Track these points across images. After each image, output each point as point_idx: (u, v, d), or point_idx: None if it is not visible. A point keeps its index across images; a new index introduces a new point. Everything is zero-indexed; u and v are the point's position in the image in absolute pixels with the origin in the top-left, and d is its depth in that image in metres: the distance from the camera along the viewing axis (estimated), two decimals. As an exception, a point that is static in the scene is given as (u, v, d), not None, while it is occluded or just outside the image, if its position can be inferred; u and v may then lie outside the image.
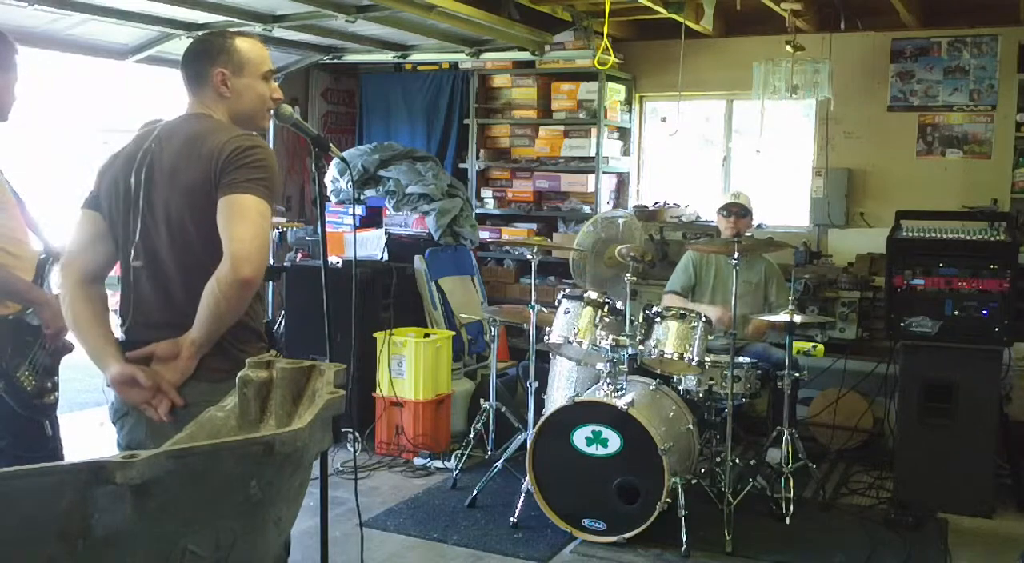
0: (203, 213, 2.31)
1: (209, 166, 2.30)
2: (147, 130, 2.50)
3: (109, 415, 2.51)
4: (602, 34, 5.71)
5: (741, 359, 4.63)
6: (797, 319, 4.70)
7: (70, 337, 3.06)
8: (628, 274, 4.52)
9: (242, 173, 2.29)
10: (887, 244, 4.84)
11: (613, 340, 4.28)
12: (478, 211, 7.12)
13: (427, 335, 5.56)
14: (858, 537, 4.30)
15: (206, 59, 2.47)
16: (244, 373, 1.77)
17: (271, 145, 7.05)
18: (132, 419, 2.41)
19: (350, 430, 5.08)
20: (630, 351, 4.38)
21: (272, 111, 2.57)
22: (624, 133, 7.41)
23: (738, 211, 5.24)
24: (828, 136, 6.66)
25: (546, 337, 4.54)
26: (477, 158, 7.37)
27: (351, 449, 5.00)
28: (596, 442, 4.14)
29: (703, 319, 4.38)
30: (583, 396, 4.35)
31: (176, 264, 2.37)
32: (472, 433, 5.07)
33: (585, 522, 4.17)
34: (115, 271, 2.53)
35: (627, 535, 4.09)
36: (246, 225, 2.26)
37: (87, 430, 5.70)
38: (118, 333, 2.47)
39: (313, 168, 2.64)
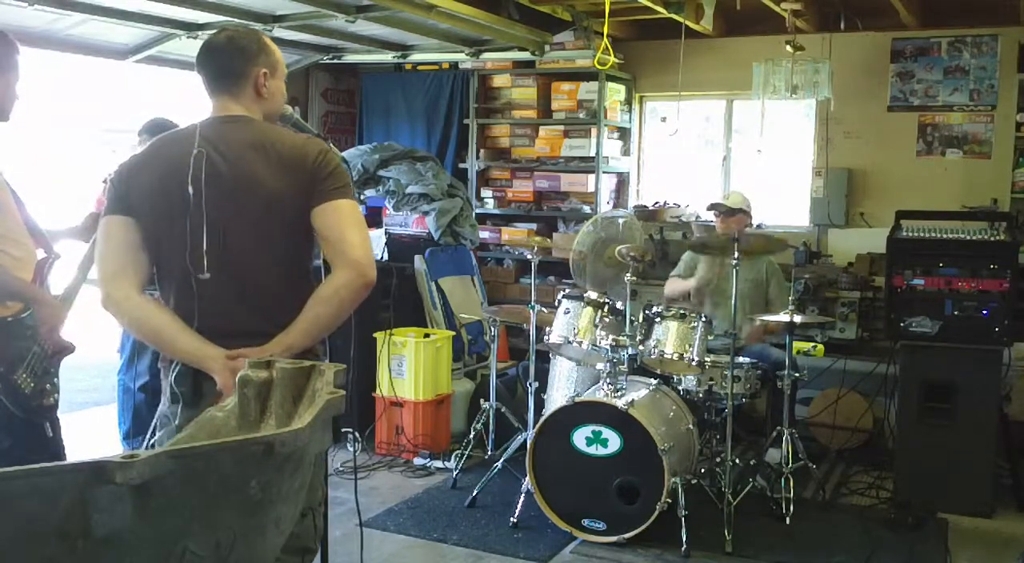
0: (287, 219, 2.31)
1: (295, 172, 2.29)
2: (173, 136, 2.43)
3: (161, 424, 2.44)
4: (602, 34, 5.71)
5: (741, 359, 4.63)
6: (797, 319, 4.70)
7: (66, 335, 3.08)
8: (628, 274, 4.52)
9: (336, 179, 2.32)
10: (887, 244, 4.84)
11: (613, 340, 4.28)
12: (478, 211, 7.12)
13: (427, 335, 5.56)
14: (858, 537, 4.30)
15: (247, 58, 2.41)
16: (244, 373, 1.77)
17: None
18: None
19: (350, 430, 5.06)
20: (630, 351, 4.38)
21: None
22: (624, 133, 7.41)
23: (725, 210, 5.24)
24: (828, 136, 6.66)
25: (546, 337, 4.54)
26: (477, 158, 7.37)
27: (351, 449, 4.98)
28: (596, 442, 4.14)
29: (703, 319, 4.39)
30: (583, 396, 4.35)
31: (260, 272, 2.34)
32: (472, 433, 5.06)
33: (585, 522, 4.17)
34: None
35: (627, 535, 4.09)
36: (358, 230, 2.31)
37: (87, 430, 5.70)
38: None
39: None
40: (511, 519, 4.33)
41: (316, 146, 2.37)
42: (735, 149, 7.17)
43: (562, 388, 4.78)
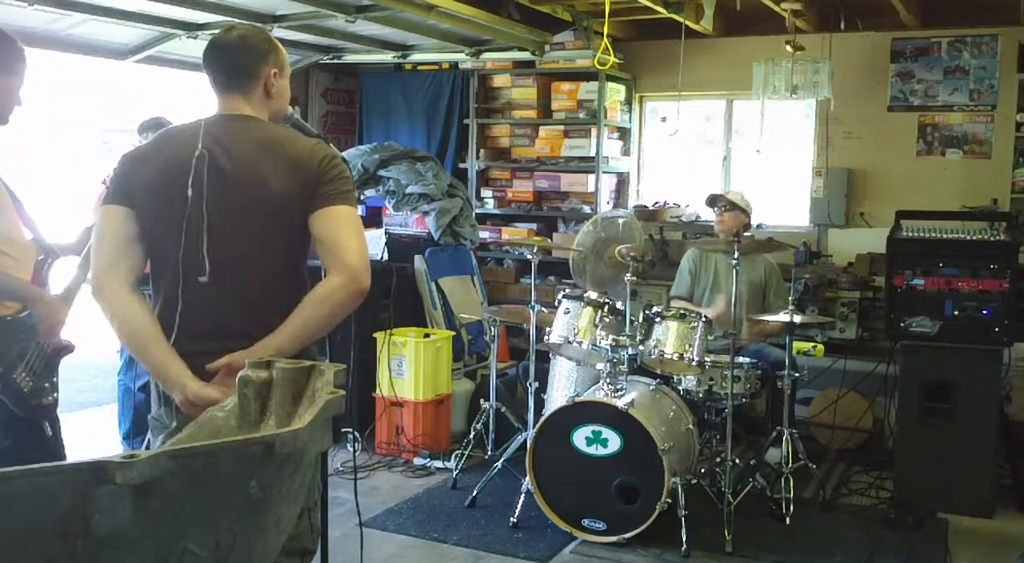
0: (289, 222, 2.30)
1: (300, 175, 2.29)
2: (179, 131, 2.41)
3: (152, 427, 2.45)
4: (602, 34, 5.71)
5: (741, 359, 4.63)
6: (797, 319, 4.70)
7: (66, 335, 3.07)
8: (628, 274, 4.52)
9: (339, 184, 2.31)
10: (887, 244, 4.84)
11: (613, 340, 4.28)
12: (478, 211, 7.12)
13: (427, 335, 5.56)
14: (858, 537, 4.30)
15: (258, 57, 2.40)
16: (244, 373, 1.77)
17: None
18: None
19: (350, 430, 5.08)
20: (630, 351, 4.38)
21: None
22: (624, 133, 7.41)
23: (724, 205, 5.23)
24: (828, 136, 6.66)
25: (546, 337, 4.54)
26: (477, 158, 7.37)
27: (351, 449, 4.99)
28: (596, 442, 4.14)
29: (703, 319, 4.38)
30: (583, 396, 4.35)
31: (258, 273, 2.33)
32: (472, 433, 5.06)
33: (585, 522, 4.17)
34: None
35: (627, 535, 4.09)
36: (355, 237, 2.30)
37: (87, 430, 5.70)
38: None
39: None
40: (511, 519, 4.33)
41: (324, 150, 2.36)
42: (735, 149, 7.17)
43: (562, 388, 4.78)
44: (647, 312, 4.43)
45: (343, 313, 2.29)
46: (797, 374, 4.72)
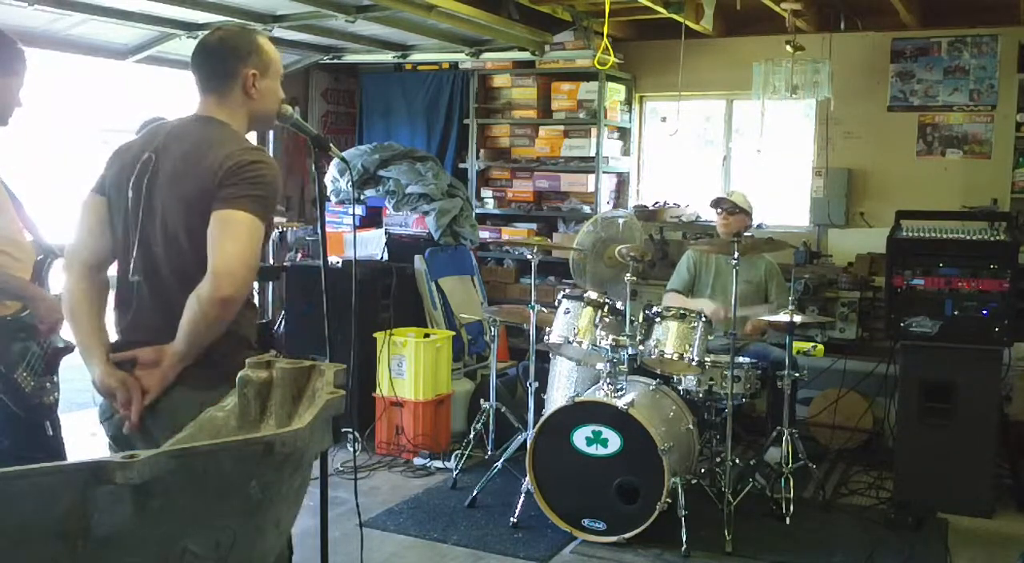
0: (198, 226, 2.27)
1: (209, 178, 2.27)
2: (151, 133, 2.45)
3: (98, 414, 2.50)
4: (602, 34, 5.71)
5: (741, 359, 4.63)
6: (797, 319, 4.70)
7: (66, 335, 3.08)
8: (628, 274, 4.52)
9: (238, 188, 2.25)
10: (887, 244, 4.83)
11: (613, 340, 4.28)
12: (478, 211, 7.12)
13: (427, 335, 5.56)
14: (858, 537, 4.30)
15: (237, 58, 2.40)
16: (244, 373, 1.77)
17: (271, 145, 7.07)
18: (118, 419, 2.39)
19: (350, 430, 5.08)
20: (630, 351, 4.38)
21: None
22: (624, 133, 7.41)
23: (727, 207, 5.23)
24: (828, 136, 6.66)
25: (546, 337, 4.54)
26: (477, 158, 7.37)
27: (351, 449, 5.00)
28: (596, 442, 4.14)
29: (703, 319, 4.38)
30: (583, 396, 4.35)
31: (174, 276, 2.33)
32: (472, 433, 5.06)
33: (585, 522, 4.17)
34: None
35: (627, 535, 4.09)
36: (233, 242, 2.22)
37: (87, 430, 5.70)
38: (111, 329, 2.46)
39: (313, 168, 2.64)
40: (511, 519, 4.33)
41: (246, 157, 2.29)
42: (735, 149, 7.17)
43: (562, 388, 4.78)
44: (647, 312, 4.43)
45: (213, 321, 2.24)
46: (797, 374, 4.72)
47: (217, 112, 2.42)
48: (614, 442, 4.11)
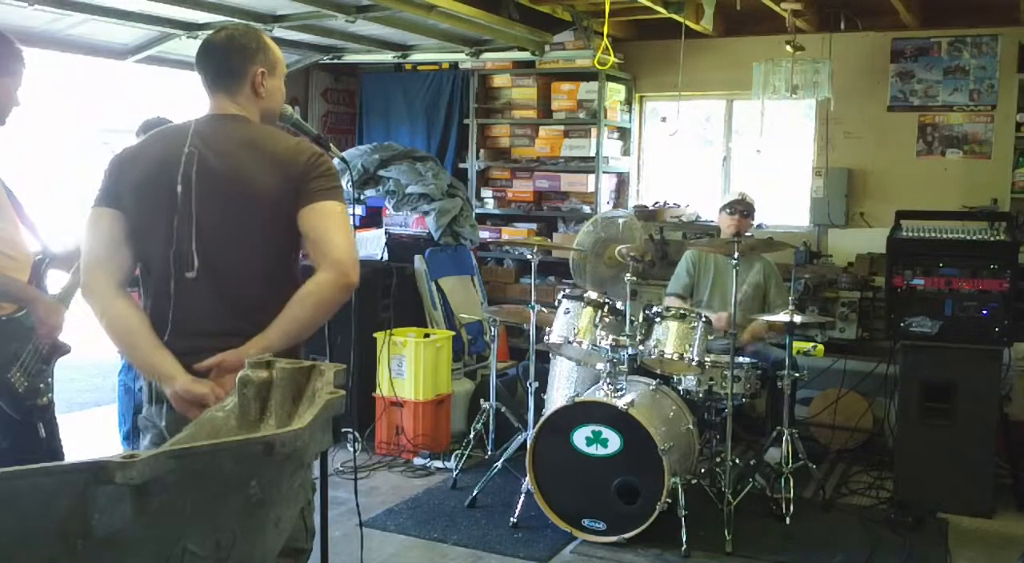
0: (277, 219, 2.30)
1: (286, 173, 2.29)
2: (169, 131, 2.43)
3: (143, 427, 2.44)
4: (602, 34, 5.71)
5: (741, 359, 4.63)
6: (797, 319, 4.70)
7: (64, 337, 3.07)
8: (628, 274, 4.52)
9: (326, 180, 2.31)
10: (887, 244, 4.84)
11: (613, 340, 4.28)
12: (478, 211, 7.12)
13: (427, 335, 5.56)
14: (858, 537, 4.30)
15: (245, 57, 2.40)
16: (244, 373, 1.77)
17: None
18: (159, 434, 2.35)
19: (350, 430, 5.09)
20: (630, 351, 4.38)
21: None
22: (624, 133, 7.41)
23: (743, 210, 5.24)
24: (828, 136, 6.66)
25: (546, 337, 4.54)
26: (477, 158, 7.37)
27: (351, 449, 4.99)
28: (596, 442, 4.14)
29: (703, 319, 4.38)
30: (583, 396, 4.35)
31: (247, 271, 2.33)
32: (472, 433, 5.06)
33: (585, 522, 4.17)
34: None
35: (627, 535, 4.09)
36: (343, 232, 2.30)
37: (87, 430, 5.70)
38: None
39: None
40: (511, 519, 4.33)
41: (309, 148, 2.37)
42: (735, 149, 7.17)
43: (562, 388, 4.78)
44: (647, 312, 4.43)
45: (332, 308, 2.29)
46: (797, 374, 4.72)
47: (236, 109, 2.41)
48: (614, 442, 4.11)
